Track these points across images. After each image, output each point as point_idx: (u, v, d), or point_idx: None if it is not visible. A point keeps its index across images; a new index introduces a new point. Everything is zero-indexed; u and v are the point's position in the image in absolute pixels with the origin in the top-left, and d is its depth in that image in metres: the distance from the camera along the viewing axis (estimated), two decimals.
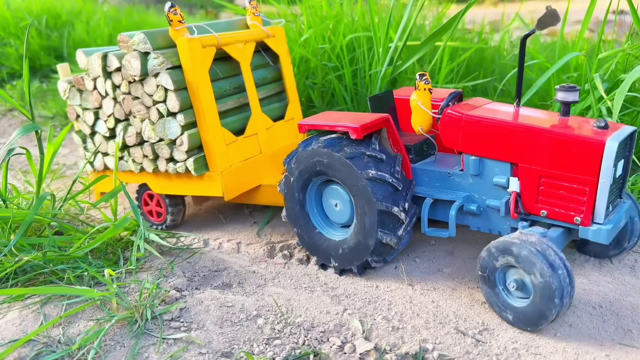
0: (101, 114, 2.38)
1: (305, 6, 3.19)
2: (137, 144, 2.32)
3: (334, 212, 1.99)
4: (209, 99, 2.19)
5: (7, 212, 2.00)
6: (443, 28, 2.54)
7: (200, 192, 2.30)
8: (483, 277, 1.68)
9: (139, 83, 2.20)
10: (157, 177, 2.38)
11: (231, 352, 1.56)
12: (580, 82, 2.55)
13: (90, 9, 6.19)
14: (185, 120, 2.17)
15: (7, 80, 5.16)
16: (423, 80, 1.95)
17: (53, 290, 1.72)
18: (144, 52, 2.16)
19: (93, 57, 2.28)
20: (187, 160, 2.22)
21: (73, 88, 2.42)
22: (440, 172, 1.92)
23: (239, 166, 2.29)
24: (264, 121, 2.43)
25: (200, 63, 2.16)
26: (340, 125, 1.88)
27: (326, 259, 2.00)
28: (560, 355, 1.53)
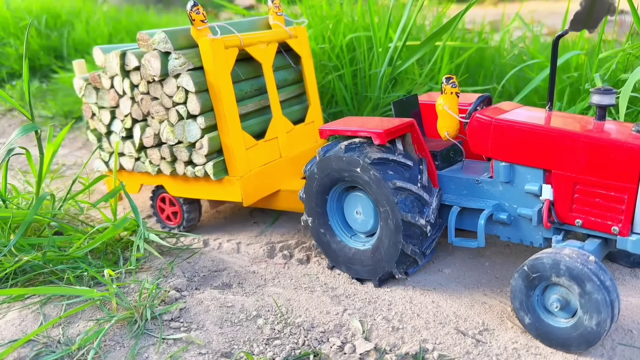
0: (118, 113, 2.33)
1: (305, 6, 3.19)
2: (155, 145, 2.26)
3: (356, 220, 1.92)
4: (231, 101, 2.13)
5: (7, 212, 2.00)
6: (443, 28, 2.54)
7: (218, 196, 2.24)
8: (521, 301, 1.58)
9: (159, 83, 2.15)
10: (175, 179, 2.32)
11: (231, 352, 1.55)
12: (580, 82, 2.55)
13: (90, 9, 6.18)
14: (206, 123, 2.11)
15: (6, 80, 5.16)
16: (450, 83, 1.87)
17: (53, 291, 1.72)
18: (164, 51, 2.10)
19: (111, 55, 2.23)
20: (206, 164, 2.16)
21: (89, 86, 2.36)
22: (468, 180, 1.84)
23: (258, 171, 2.23)
24: (284, 124, 2.37)
25: (223, 64, 2.10)
26: (364, 130, 1.81)
27: (346, 267, 1.94)
28: (560, 356, 1.53)
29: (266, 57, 2.29)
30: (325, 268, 2.03)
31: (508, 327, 1.66)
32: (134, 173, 2.41)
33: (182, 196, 2.36)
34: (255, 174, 2.21)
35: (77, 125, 4.18)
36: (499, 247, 2.12)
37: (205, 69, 2.10)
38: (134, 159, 2.36)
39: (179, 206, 2.41)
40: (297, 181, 2.37)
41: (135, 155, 2.34)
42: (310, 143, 2.51)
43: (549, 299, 1.54)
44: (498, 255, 2.06)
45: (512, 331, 1.64)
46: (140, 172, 2.38)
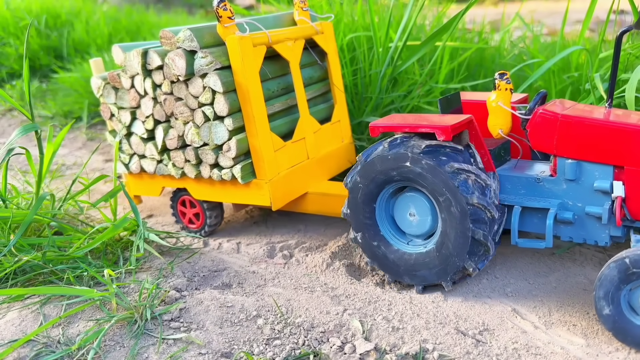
0: (139, 114, 2.24)
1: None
2: (179, 147, 2.18)
3: (410, 224, 1.84)
4: (259, 101, 2.05)
5: (7, 212, 2.00)
6: (443, 28, 2.54)
7: (245, 200, 2.17)
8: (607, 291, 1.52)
9: (183, 83, 2.07)
10: (199, 183, 2.24)
11: (231, 352, 1.55)
12: (581, 82, 2.54)
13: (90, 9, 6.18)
14: (234, 125, 2.04)
15: (6, 80, 5.16)
16: (504, 79, 1.82)
17: (53, 291, 1.72)
18: (189, 50, 2.02)
19: (132, 54, 2.14)
20: (233, 167, 2.08)
21: (108, 85, 2.27)
22: (527, 178, 1.78)
23: (287, 173, 2.15)
24: (311, 124, 2.28)
25: (251, 63, 2.02)
26: (426, 125, 1.73)
27: (410, 277, 1.85)
28: (560, 356, 1.53)
29: (293, 55, 2.20)
30: (325, 268, 2.03)
31: (508, 327, 1.66)
32: (156, 176, 2.33)
33: (206, 200, 2.28)
34: (283, 177, 2.14)
35: (77, 125, 4.18)
36: (499, 246, 2.12)
37: (233, 68, 2.02)
38: (156, 162, 2.28)
39: (201, 210, 2.34)
40: (325, 183, 2.30)
41: (158, 158, 2.26)
42: (336, 143, 2.42)
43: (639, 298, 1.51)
44: (498, 256, 2.06)
45: (512, 331, 1.64)
46: (163, 175, 2.30)
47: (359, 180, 1.84)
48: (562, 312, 1.72)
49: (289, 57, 2.18)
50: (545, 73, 2.74)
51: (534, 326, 1.66)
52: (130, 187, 2.47)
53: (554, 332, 1.63)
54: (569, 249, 2.05)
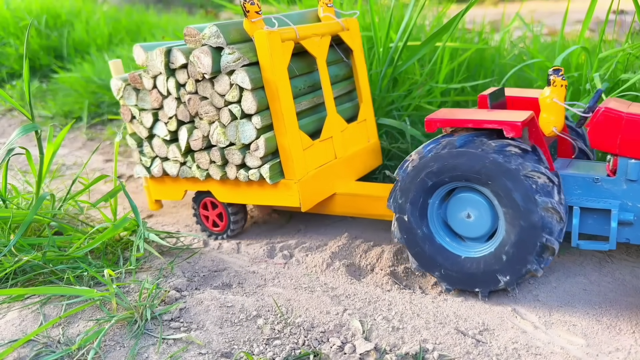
0: (161, 115, 2.18)
1: (305, 6, 3.19)
2: (203, 148, 2.12)
3: (466, 225, 1.77)
4: (288, 99, 1.98)
5: (7, 212, 2.00)
6: (443, 28, 2.54)
7: (272, 201, 2.10)
8: None
9: (209, 82, 2.01)
10: (224, 184, 2.17)
11: (231, 352, 1.55)
12: (580, 82, 2.54)
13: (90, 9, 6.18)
14: (262, 123, 1.97)
15: (7, 80, 5.16)
16: (560, 75, 1.76)
17: (53, 291, 1.72)
18: (215, 47, 1.96)
19: (154, 53, 2.07)
20: (261, 167, 2.02)
21: (128, 86, 2.21)
22: (584, 178, 1.73)
23: (315, 173, 2.09)
24: (339, 123, 2.22)
25: (280, 59, 1.95)
26: (493, 121, 1.65)
27: (446, 278, 1.80)
28: (560, 356, 1.53)
29: (320, 51, 2.14)
30: (325, 268, 2.03)
31: (508, 327, 1.66)
32: (179, 179, 2.27)
33: (232, 202, 2.22)
34: (312, 177, 2.08)
35: (77, 125, 4.18)
36: None
37: (261, 65, 1.95)
38: (179, 164, 2.22)
39: (225, 212, 2.29)
40: (353, 184, 2.24)
41: (181, 160, 2.20)
42: (363, 143, 2.36)
43: None
44: None
45: (512, 331, 1.64)
46: (186, 178, 2.24)
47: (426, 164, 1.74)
48: (562, 312, 1.72)
49: (316, 53, 2.12)
50: (545, 73, 2.74)
51: (534, 326, 1.66)
52: (151, 191, 2.41)
53: (554, 332, 1.64)
54: (569, 249, 2.05)
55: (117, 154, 2.29)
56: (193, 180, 2.25)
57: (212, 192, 2.24)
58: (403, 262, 2.04)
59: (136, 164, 2.36)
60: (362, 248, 2.13)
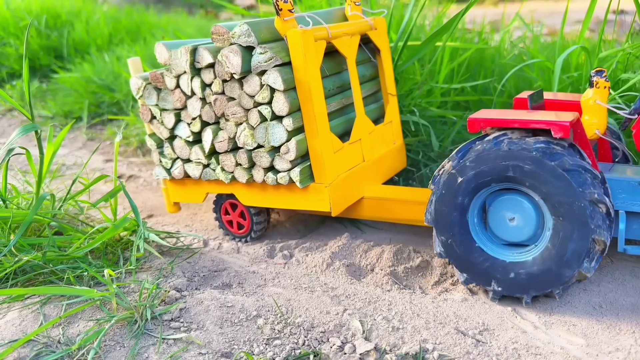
0: (184, 115, 2.11)
1: (305, 6, 3.18)
2: (229, 150, 2.05)
3: (507, 228, 1.73)
4: (321, 100, 1.93)
5: (7, 212, 2.00)
6: (443, 28, 2.54)
7: (301, 206, 2.05)
8: None
9: (237, 82, 1.94)
10: (250, 188, 2.11)
11: (231, 352, 1.55)
12: (580, 82, 2.55)
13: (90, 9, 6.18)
14: (294, 125, 1.92)
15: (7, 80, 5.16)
16: (603, 77, 1.73)
17: (53, 291, 1.72)
18: (245, 46, 1.90)
19: (179, 52, 2.01)
20: (291, 170, 1.96)
21: (149, 86, 2.14)
22: (628, 181, 1.68)
23: (345, 177, 2.04)
24: (367, 125, 2.16)
25: (313, 59, 1.89)
26: (541, 121, 1.61)
27: (484, 280, 1.75)
28: (560, 356, 1.53)
29: (351, 51, 2.08)
30: (325, 268, 2.03)
31: (508, 327, 1.66)
32: (201, 181, 2.21)
33: (257, 205, 2.17)
34: (342, 181, 2.02)
35: (77, 125, 4.18)
36: None
37: (293, 65, 1.89)
38: (202, 166, 2.15)
39: (248, 215, 2.24)
40: (380, 187, 2.20)
41: (204, 162, 2.13)
42: (389, 145, 2.30)
43: None
44: None
45: (512, 331, 1.64)
46: (209, 180, 2.17)
47: (471, 163, 1.69)
48: (562, 312, 1.72)
49: (346, 53, 2.07)
50: (545, 73, 2.74)
51: (534, 326, 1.66)
52: (170, 193, 2.35)
53: (553, 332, 1.64)
54: None
55: (117, 154, 2.29)
56: (216, 183, 2.19)
57: (235, 195, 2.19)
58: (403, 262, 2.04)
59: (155, 166, 2.30)
60: (362, 248, 2.13)
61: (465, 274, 1.77)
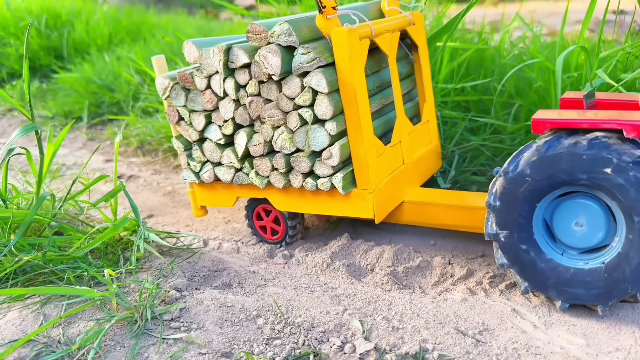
0: (215, 117, 2.02)
1: (305, 6, 3.19)
2: (264, 154, 1.98)
3: (573, 233, 1.64)
4: (365, 103, 1.84)
5: (7, 212, 2.00)
6: (444, 29, 2.54)
7: (342, 212, 1.97)
8: None
9: (275, 83, 1.86)
10: (286, 193, 2.04)
11: (231, 352, 1.56)
12: (580, 82, 2.55)
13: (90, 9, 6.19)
14: (337, 129, 1.84)
15: (7, 80, 5.16)
16: None
17: (53, 291, 1.72)
18: (285, 45, 1.81)
19: (211, 50, 1.91)
20: (333, 175, 1.88)
21: (177, 86, 2.05)
22: None
23: (387, 181, 1.96)
24: (407, 125, 2.08)
25: (358, 59, 1.81)
26: (610, 120, 1.52)
27: (558, 292, 1.66)
28: (560, 356, 1.53)
29: (392, 48, 1.99)
30: (325, 268, 2.03)
31: (508, 327, 1.66)
32: (232, 185, 2.13)
33: (292, 211, 2.09)
34: (384, 186, 1.95)
35: (77, 125, 4.19)
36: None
37: (337, 66, 1.80)
38: (234, 170, 2.07)
39: (281, 220, 2.17)
40: (419, 191, 2.12)
41: (237, 166, 2.04)
42: (426, 146, 2.22)
43: None
44: None
45: (512, 331, 1.64)
46: (241, 185, 2.09)
47: (528, 172, 1.60)
48: (561, 312, 1.72)
49: (388, 51, 1.97)
50: (545, 73, 2.74)
51: (534, 326, 1.66)
52: (198, 197, 2.28)
53: (553, 332, 1.64)
54: None
55: (117, 154, 2.29)
56: (248, 187, 2.11)
57: (269, 200, 2.11)
58: (403, 262, 2.04)
59: (182, 169, 2.20)
60: (362, 248, 2.13)
61: (527, 282, 1.70)
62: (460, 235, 2.22)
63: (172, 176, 3.21)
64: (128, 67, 4.38)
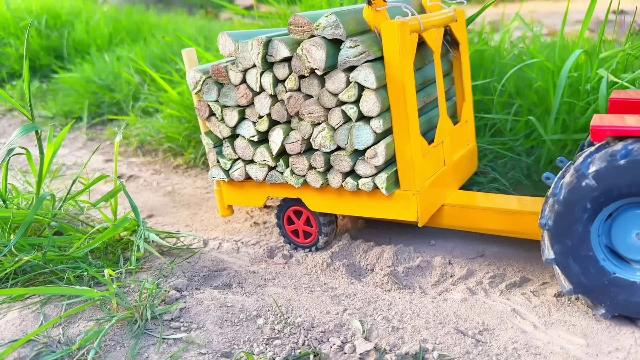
0: (249, 113, 1.95)
1: (305, 6, 3.19)
2: (302, 152, 1.91)
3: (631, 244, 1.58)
4: (413, 99, 1.77)
5: (7, 212, 2.00)
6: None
7: (383, 214, 1.89)
8: None
9: (317, 78, 1.79)
10: (321, 193, 1.96)
11: (231, 352, 1.56)
12: (580, 82, 2.55)
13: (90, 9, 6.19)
14: (383, 127, 1.76)
15: (7, 80, 5.16)
16: None
17: (53, 290, 1.72)
18: (331, 38, 1.74)
19: (249, 43, 1.84)
20: (376, 175, 1.81)
21: (209, 80, 1.97)
22: None
23: (430, 183, 1.90)
24: (449, 125, 2.01)
25: (408, 54, 1.74)
26: None
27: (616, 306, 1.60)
28: (560, 356, 1.53)
29: (437, 44, 1.93)
30: (325, 268, 2.03)
31: (508, 327, 1.66)
32: (264, 184, 2.06)
33: (327, 212, 2.01)
34: (428, 187, 1.88)
35: (77, 125, 4.19)
36: (500, 246, 2.12)
37: (387, 61, 1.72)
38: (267, 168, 2.00)
39: (314, 222, 2.09)
40: (459, 194, 2.05)
41: (271, 164, 1.98)
42: (464, 147, 2.15)
43: None
44: (498, 255, 2.06)
45: (512, 331, 1.64)
46: (273, 184, 2.03)
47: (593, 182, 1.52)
48: (562, 312, 1.72)
49: (434, 46, 1.91)
50: (545, 73, 2.74)
51: (534, 326, 1.67)
52: (225, 196, 2.20)
53: (553, 332, 1.64)
54: None
55: (117, 154, 2.29)
56: (281, 187, 2.04)
57: (303, 201, 2.03)
58: (403, 262, 2.04)
59: (212, 167, 2.13)
60: (362, 248, 2.13)
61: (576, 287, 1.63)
62: (460, 235, 2.22)
63: (172, 176, 3.21)
64: (128, 67, 4.39)
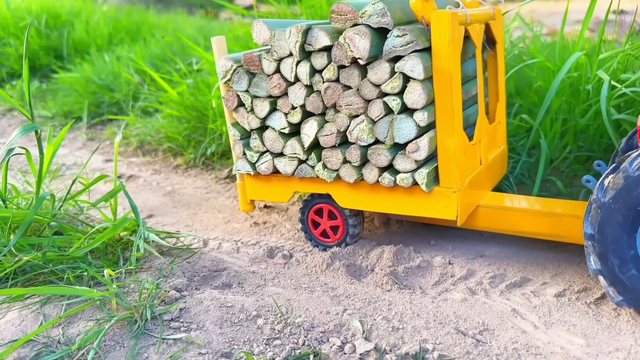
0: (281, 104, 1.88)
1: (305, 6, 3.19)
2: (336, 145, 1.85)
3: None
4: (459, 93, 1.70)
5: (7, 212, 2.00)
6: None
7: (418, 212, 1.82)
8: None
9: (358, 68, 1.73)
10: (354, 189, 1.89)
11: (231, 352, 1.56)
12: (580, 82, 2.55)
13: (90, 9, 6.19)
14: (427, 120, 1.69)
15: (7, 80, 5.16)
16: None
17: (53, 291, 1.72)
18: (376, 27, 1.68)
19: (287, 31, 1.77)
20: (416, 171, 1.74)
21: (240, 69, 1.91)
22: None
23: (469, 181, 1.83)
24: (486, 124, 1.95)
25: (457, 46, 1.68)
26: None
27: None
28: (560, 356, 1.53)
29: (480, 39, 1.89)
30: (325, 268, 2.03)
31: (508, 327, 1.66)
32: (292, 178, 1.99)
33: (357, 209, 1.95)
34: (467, 185, 1.81)
35: (77, 125, 4.19)
36: (500, 246, 2.12)
37: (434, 51, 1.66)
38: (297, 161, 1.94)
39: (341, 219, 2.03)
40: (494, 195, 1.99)
41: (302, 157, 1.91)
42: (496, 148, 2.10)
43: None
44: (498, 255, 2.06)
45: (512, 331, 1.64)
46: (302, 178, 1.95)
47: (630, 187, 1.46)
48: (562, 312, 1.72)
49: (477, 41, 1.87)
50: (545, 73, 2.74)
51: (534, 326, 1.67)
52: (249, 190, 2.13)
53: (553, 332, 1.64)
54: (568, 249, 2.05)
55: (117, 154, 2.29)
56: (309, 181, 1.96)
57: (332, 196, 1.97)
58: (403, 262, 2.04)
59: (238, 159, 2.06)
60: (362, 248, 2.13)
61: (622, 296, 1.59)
62: (460, 235, 2.22)
63: (172, 176, 3.21)
64: (128, 67, 4.39)
